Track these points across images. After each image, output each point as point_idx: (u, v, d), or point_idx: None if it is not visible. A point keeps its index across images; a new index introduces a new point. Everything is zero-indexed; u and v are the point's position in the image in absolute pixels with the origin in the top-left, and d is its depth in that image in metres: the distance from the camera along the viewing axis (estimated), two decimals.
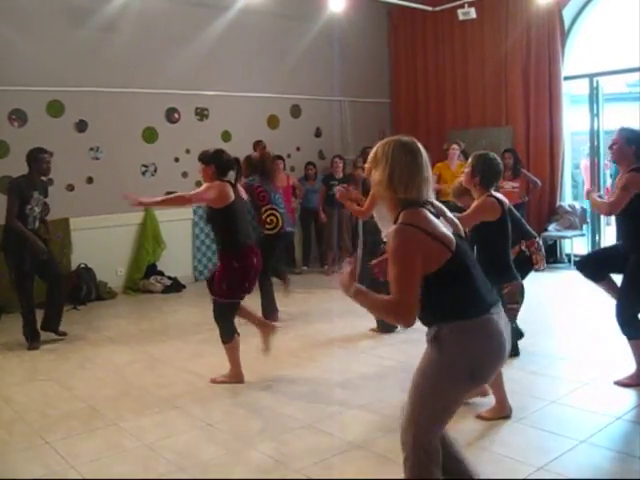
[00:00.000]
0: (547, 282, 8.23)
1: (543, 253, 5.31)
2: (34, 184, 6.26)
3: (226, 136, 9.58)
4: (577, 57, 9.84)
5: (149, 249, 8.89)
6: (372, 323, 6.37)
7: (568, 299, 7.59)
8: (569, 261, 9.66)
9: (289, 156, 10.12)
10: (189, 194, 4.98)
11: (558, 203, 9.86)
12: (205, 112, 9.48)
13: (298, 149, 10.41)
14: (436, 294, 2.50)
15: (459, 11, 9.92)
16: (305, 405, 4.54)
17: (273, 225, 6.78)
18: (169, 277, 8.95)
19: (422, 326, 2.66)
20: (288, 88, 10.20)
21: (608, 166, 10.22)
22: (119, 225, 8.65)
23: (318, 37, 10.31)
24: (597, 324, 6.12)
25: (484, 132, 10.08)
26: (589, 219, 9.66)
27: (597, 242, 9.62)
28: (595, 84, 9.48)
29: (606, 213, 4.77)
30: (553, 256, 9.84)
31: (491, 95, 10.32)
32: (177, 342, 6.27)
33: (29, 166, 6.26)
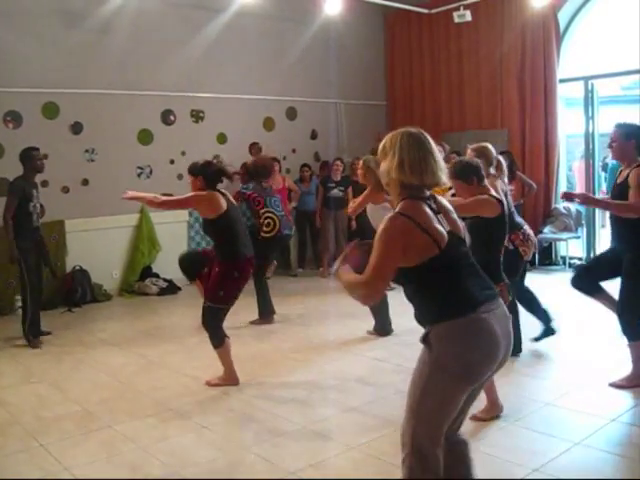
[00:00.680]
0: (542, 284, 8.20)
1: (533, 241, 5.22)
2: (32, 182, 6.41)
3: (221, 138, 9.58)
4: (572, 60, 9.86)
5: (144, 251, 8.88)
6: (369, 325, 6.38)
7: (562, 301, 7.57)
8: (564, 263, 9.68)
9: (285, 158, 10.12)
10: (169, 199, 5.08)
11: (553, 205, 9.87)
12: (201, 114, 9.47)
13: (294, 151, 10.40)
14: (425, 294, 2.57)
15: (455, 14, 9.94)
16: (300, 408, 4.54)
17: (270, 228, 6.88)
18: (164, 279, 8.93)
19: (417, 328, 2.66)
20: (284, 90, 10.21)
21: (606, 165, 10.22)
22: (114, 227, 8.64)
23: (314, 39, 10.31)
24: (592, 326, 6.13)
25: (480, 134, 10.05)
26: (584, 221, 9.68)
27: (592, 244, 9.64)
28: (590, 87, 9.49)
29: (636, 214, 4.41)
30: (548, 258, 9.86)
31: (487, 97, 10.33)
32: (172, 344, 6.26)
33: (23, 165, 6.38)
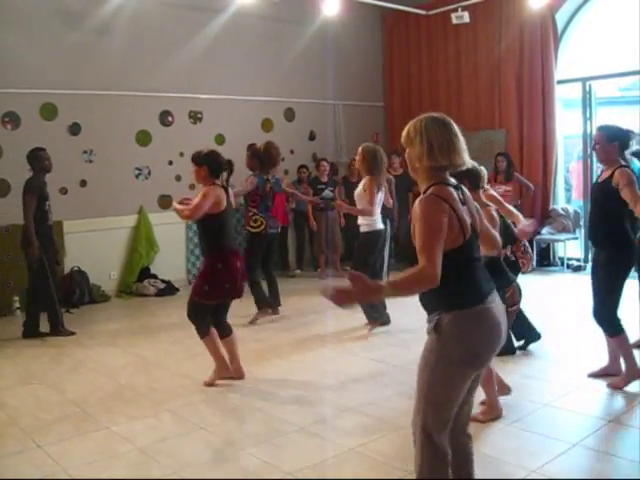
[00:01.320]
0: (540, 285, 8.24)
1: (530, 254, 5.28)
2: (44, 182, 6.61)
3: (220, 139, 9.58)
4: (570, 61, 9.88)
5: (142, 252, 8.88)
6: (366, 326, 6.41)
7: (561, 302, 7.60)
8: (562, 264, 9.69)
9: (283, 159, 10.07)
10: (190, 211, 4.87)
11: (551, 206, 9.89)
12: (199, 115, 9.48)
13: (292, 152, 10.40)
14: (440, 282, 2.51)
15: (453, 15, 9.95)
16: (298, 408, 4.54)
17: (258, 224, 7.00)
18: (162, 280, 8.93)
19: (412, 327, 2.68)
20: (282, 91, 10.21)
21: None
22: (112, 228, 8.65)
23: (312, 41, 10.32)
24: (590, 327, 6.12)
25: (478, 135, 10.09)
26: (582, 222, 9.69)
27: (590, 245, 9.62)
28: (588, 88, 9.52)
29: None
30: (546, 259, 9.87)
31: (485, 98, 10.35)
32: (170, 345, 6.27)
33: (32, 166, 6.57)
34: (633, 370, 4.65)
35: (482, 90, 10.36)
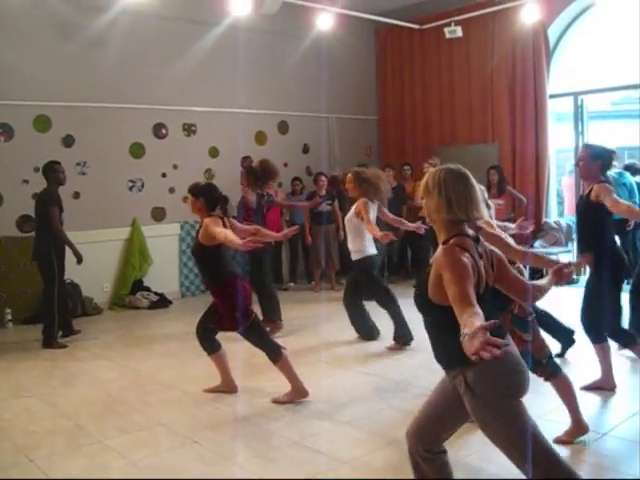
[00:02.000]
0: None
1: (526, 277, 5.31)
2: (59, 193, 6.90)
3: (213, 152, 9.60)
4: (562, 75, 9.95)
5: (135, 265, 8.85)
6: (360, 340, 6.42)
7: (553, 315, 7.60)
8: None
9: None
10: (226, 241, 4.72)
11: (544, 220, 9.92)
12: (193, 128, 9.49)
13: (285, 165, 10.41)
14: (454, 335, 2.37)
15: (446, 29, 10.03)
16: (292, 422, 4.53)
17: None
18: (155, 293, 8.91)
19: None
20: (276, 104, 10.24)
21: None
22: (105, 240, 8.63)
23: (306, 54, 10.37)
24: (583, 339, 6.13)
25: (470, 149, 10.14)
26: (574, 235, 9.71)
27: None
28: (580, 102, 9.59)
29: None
30: (539, 272, 9.86)
31: (477, 112, 10.41)
32: (163, 358, 6.25)
33: (47, 179, 6.83)
34: (607, 378, 4.82)
35: (475, 104, 10.42)
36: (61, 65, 8.21)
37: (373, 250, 6.37)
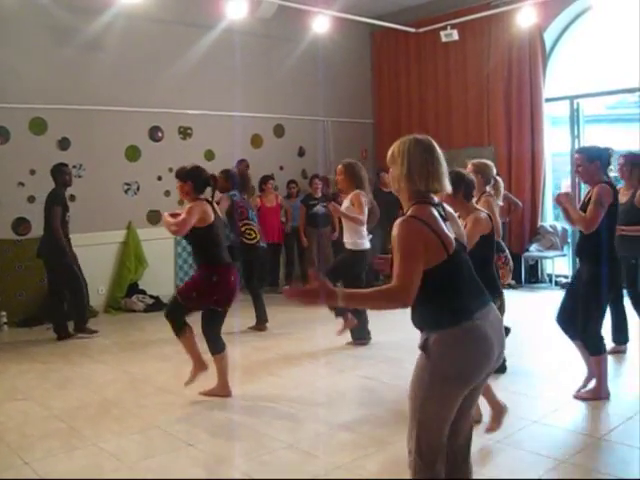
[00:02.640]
0: (528, 302, 8.27)
1: (510, 267, 5.32)
2: (64, 195, 7.23)
3: (209, 155, 9.59)
4: (558, 79, 9.97)
5: (131, 268, 8.84)
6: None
7: (549, 319, 7.60)
8: (550, 281, 9.73)
9: (272, 175, 10.13)
10: (177, 226, 4.83)
11: (539, 223, 9.93)
12: (188, 131, 9.49)
13: (281, 168, 10.43)
14: (425, 300, 2.54)
15: (442, 33, 10.04)
16: (287, 425, 4.52)
17: (252, 236, 7.17)
18: (151, 296, 8.90)
19: (400, 344, 2.68)
20: (272, 108, 10.25)
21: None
22: (101, 243, 8.61)
23: (302, 57, 10.37)
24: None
25: (466, 152, 10.10)
26: (570, 239, 9.74)
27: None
28: (576, 106, 9.61)
29: (584, 229, 4.69)
30: (534, 276, 9.91)
31: (473, 116, 10.42)
32: (158, 361, 6.23)
33: (55, 180, 7.15)
34: (600, 389, 4.74)
35: (471, 107, 10.43)
36: (57, 68, 8.21)
37: (367, 245, 6.41)
